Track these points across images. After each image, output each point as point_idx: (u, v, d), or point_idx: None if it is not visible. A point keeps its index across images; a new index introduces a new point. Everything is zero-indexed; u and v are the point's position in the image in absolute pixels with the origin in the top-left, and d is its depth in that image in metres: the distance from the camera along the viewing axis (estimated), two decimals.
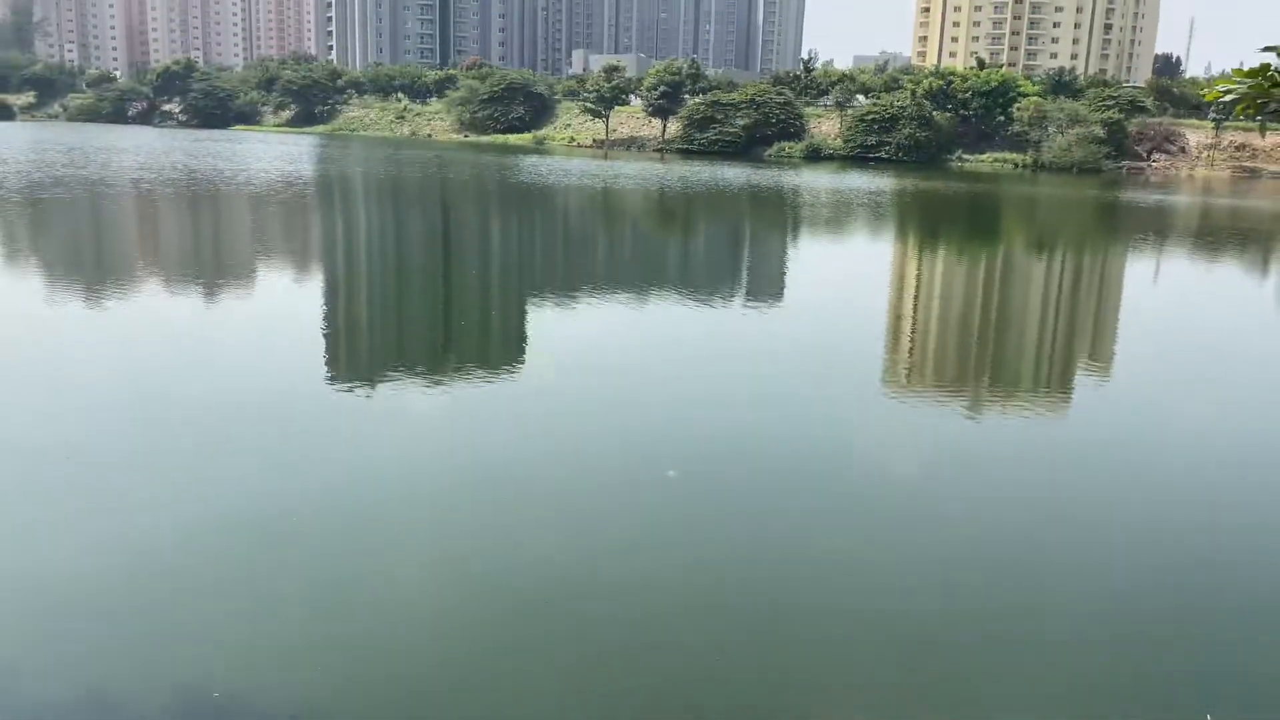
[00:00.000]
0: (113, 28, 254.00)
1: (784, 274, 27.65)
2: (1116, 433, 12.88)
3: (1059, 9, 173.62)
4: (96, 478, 9.83)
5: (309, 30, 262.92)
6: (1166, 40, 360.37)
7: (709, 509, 9.61)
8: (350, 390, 13.44)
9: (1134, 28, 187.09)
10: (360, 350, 16.46)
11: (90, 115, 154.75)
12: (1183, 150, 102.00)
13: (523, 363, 15.53)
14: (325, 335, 17.14)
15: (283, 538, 8.64)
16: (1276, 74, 4.34)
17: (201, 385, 13.17)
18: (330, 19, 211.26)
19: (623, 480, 10.34)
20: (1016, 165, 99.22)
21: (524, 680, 6.66)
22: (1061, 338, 19.90)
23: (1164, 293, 26.83)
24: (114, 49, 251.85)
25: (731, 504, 9.75)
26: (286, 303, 20.00)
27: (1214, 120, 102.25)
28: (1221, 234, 43.02)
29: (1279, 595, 8.33)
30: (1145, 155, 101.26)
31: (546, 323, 18.69)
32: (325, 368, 14.75)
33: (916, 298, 23.96)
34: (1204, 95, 5.39)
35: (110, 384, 13.21)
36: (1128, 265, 32.34)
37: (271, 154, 75.61)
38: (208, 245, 28.71)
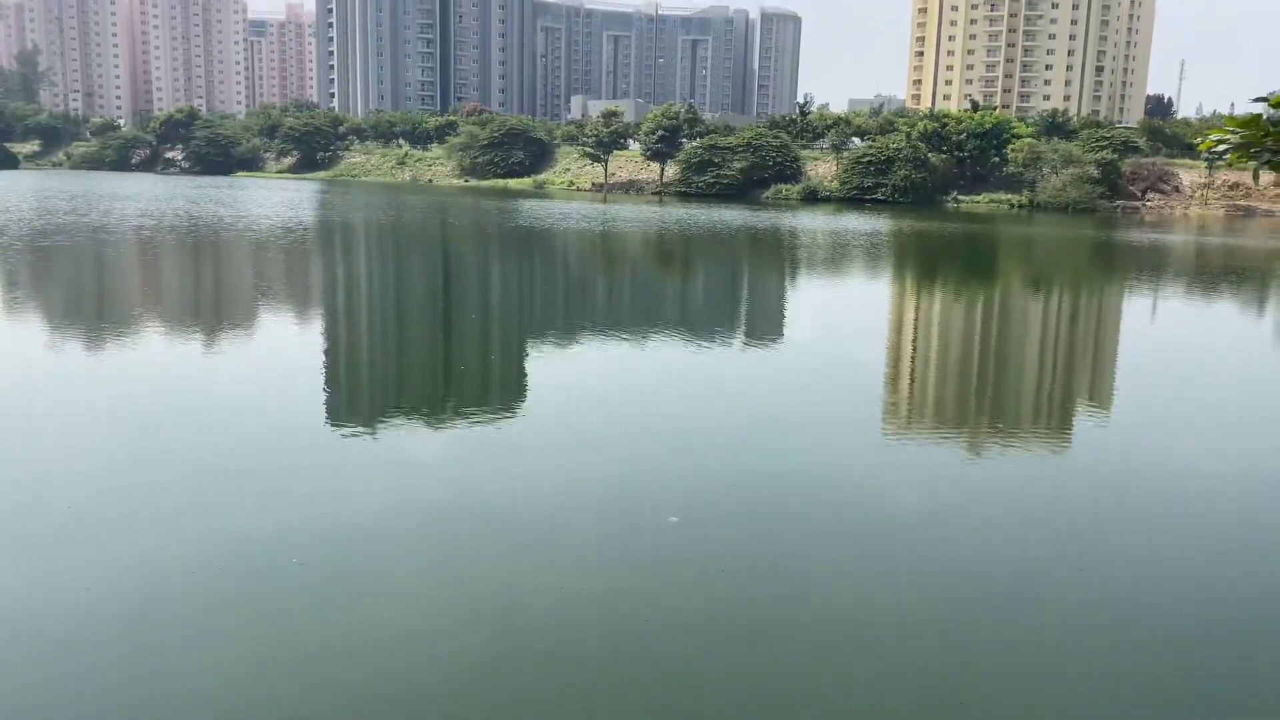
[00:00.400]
0: (117, 77, 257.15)
1: (783, 314, 27.76)
2: (1118, 471, 12.87)
3: (1051, 51, 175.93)
4: (93, 520, 9.82)
5: (311, 78, 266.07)
6: (1158, 81, 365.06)
7: (712, 556, 9.60)
8: (350, 432, 13.45)
9: (1125, 69, 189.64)
10: (360, 393, 16.49)
11: (94, 163, 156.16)
12: (1176, 189, 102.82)
13: (523, 404, 15.56)
14: (325, 378, 17.18)
15: (282, 581, 8.63)
16: (1268, 124, 4.44)
17: (200, 427, 13.20)
18: (332, 67, 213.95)
19: (625, 526, 10.33)
20: (1012, 205, 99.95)
21: None
22: (1061, 377, 19.93)
23: (1162, 331, 26.91)
24: (118, 98, 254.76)
25: (734, 550, 9.75)
26: (286, 346, 20.08)
27: (1207, 160, 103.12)
28: (1217, 272, 43.25)
29: None
30: (1140, 195, 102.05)
31: (547, 364, 18.74)
32: (325, 410, 14.76)
33: (915, 338, 24.04)
34: (1198, 146, 5.50)
35: (108, 427, 13.24)
36: (1125, 304, 32.47)
37: (272, 200, 76.19)
38: (206, 291, 28.85)
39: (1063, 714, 6.95)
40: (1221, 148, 4.52)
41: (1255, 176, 3.95)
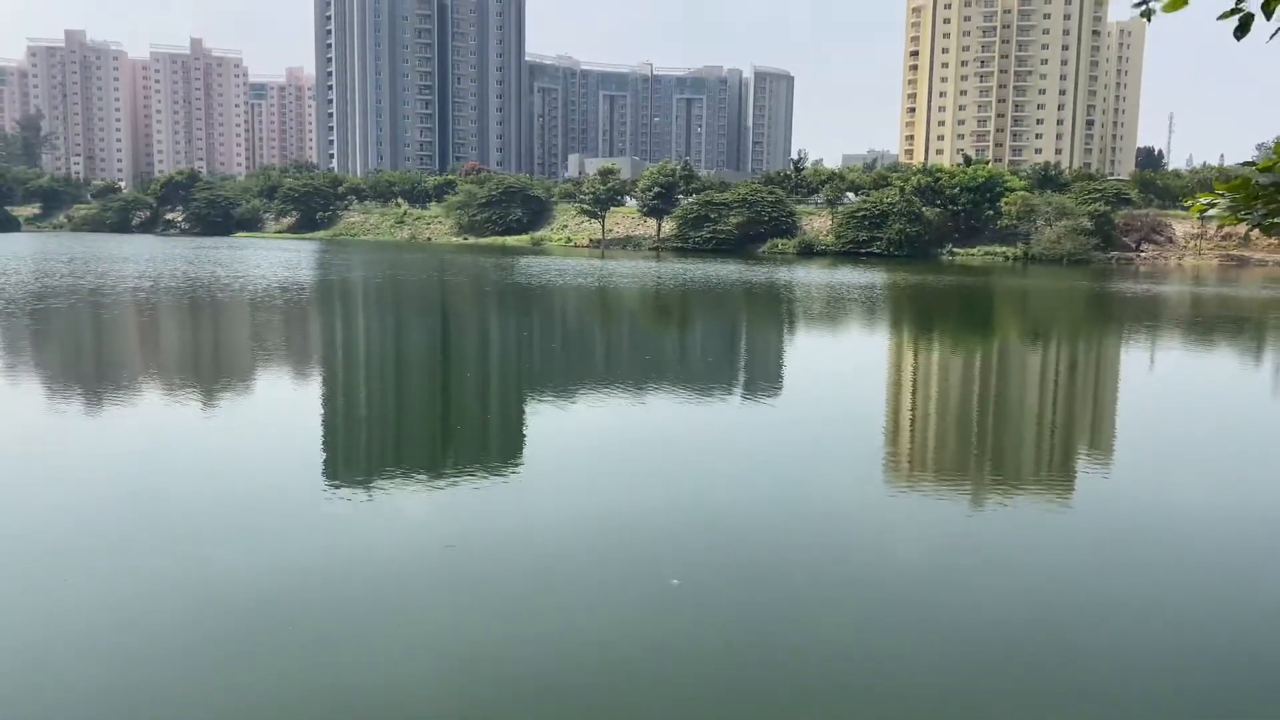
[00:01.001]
0: (119, 140, 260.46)
1: (781, 367, 27.71)
2: (1121, 522, 12.74)
3: (1041, 106, 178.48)
4: (87, 581, 9.66)
5: (310, 139, 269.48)
6: (1148, 133, 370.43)
7: (715, 618, 9.45)
8: (348, 489, 13.32)
9: (1115, 122, 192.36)
10: (358, 451, 16.36)
11: (94, 225, 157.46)
12: (1170, 240, 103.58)
13: (521, 461, 15.42)
14: (322, 436, 17.10)
15: (277, 638, 8.47)
16: (1257, 187, 4.37)
17: (196, 488, 13.11)
18: (331, 128, 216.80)
19: (625, 587, 10.15)
20: (1007, 258, 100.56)
21: None
22: (1061, 427, 19.84)
23: (1160, 380, 26.86)
24: (119, 160, 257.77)
25: (738, 611, 9.59)
26: (280, 406, 20.00)
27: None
28: (1213, 321, 43.33)
29: None
30: (1134, 246, 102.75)
31: (545, 419, 18.62)
32: (322, 469, 14.65)
33: (915, 389, 23.97)
34: (1189, 210, 5.47)
35: (102, 491, 13.12)
36: (1123, 354, 32.48)
37: (270, 260, 76.61)
38: (200, 352, 28.81)
39: None
40: (1211, 211, 4.46)
41: (1246, 237, 3.88)
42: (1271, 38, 4.26)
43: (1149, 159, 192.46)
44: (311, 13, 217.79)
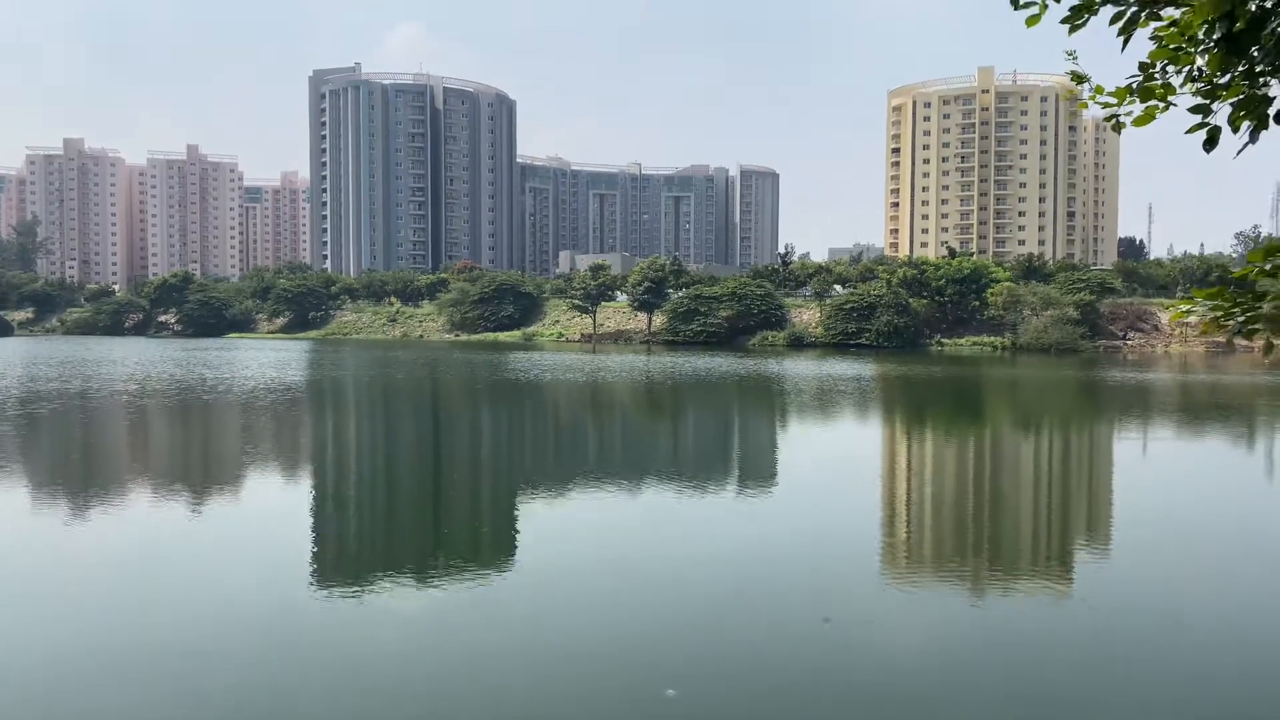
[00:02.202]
0: (114, 244, 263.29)
1: (775, 460, 27.55)
2: (1122, 612, 12.52)
3: (1022, 199, 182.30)
4: (77, 693, 9.34)
5: (304, 240, 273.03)
6: (1128, 223, 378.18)
7: None
8: (335, 593, 13.07)
9: (1096, 213, 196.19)
10: (347, 554, 16.10)
11: (87, 328, 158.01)
12: (1156, 328, 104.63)
13: (513, 563, 15.16)
14: (311, 543, 16.87)
15: None
16: (1234, 294, 4.38)
17: (180, 595, 12.85)
18: (325, 229, 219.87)
19: (619, 699, 9.83)
20: (995, 348, 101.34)
21: None
22: (1057, 516, 19.70)
23: (1153, 468, 26.80)
24: (114, 264, 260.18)
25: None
26: (269, 511, 19.78)
27: (1183, 298, 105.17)
28: (1203, 409, 43.44)
29: None
30: (1120, 334, 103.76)
31: (536, 521, 18.38)
32: (311, 573, 14.39)
33: (909, 480, 23.83)
34: (1171, 317, 5.55)
35: (89, 596, 12.84)
36: (1115, 442, 32.45)
37: (261, 360, 76.72)
38: (183, 456, 28.59)
39: None
40: (1192, 319, 4.47)
41: (1229, 342, 3.87)
42: (1239, 152, 4.32)
43: (1131, 249, 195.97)
44: (306, 117, 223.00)
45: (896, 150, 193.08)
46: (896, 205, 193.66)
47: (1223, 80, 4.30)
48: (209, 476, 23.58)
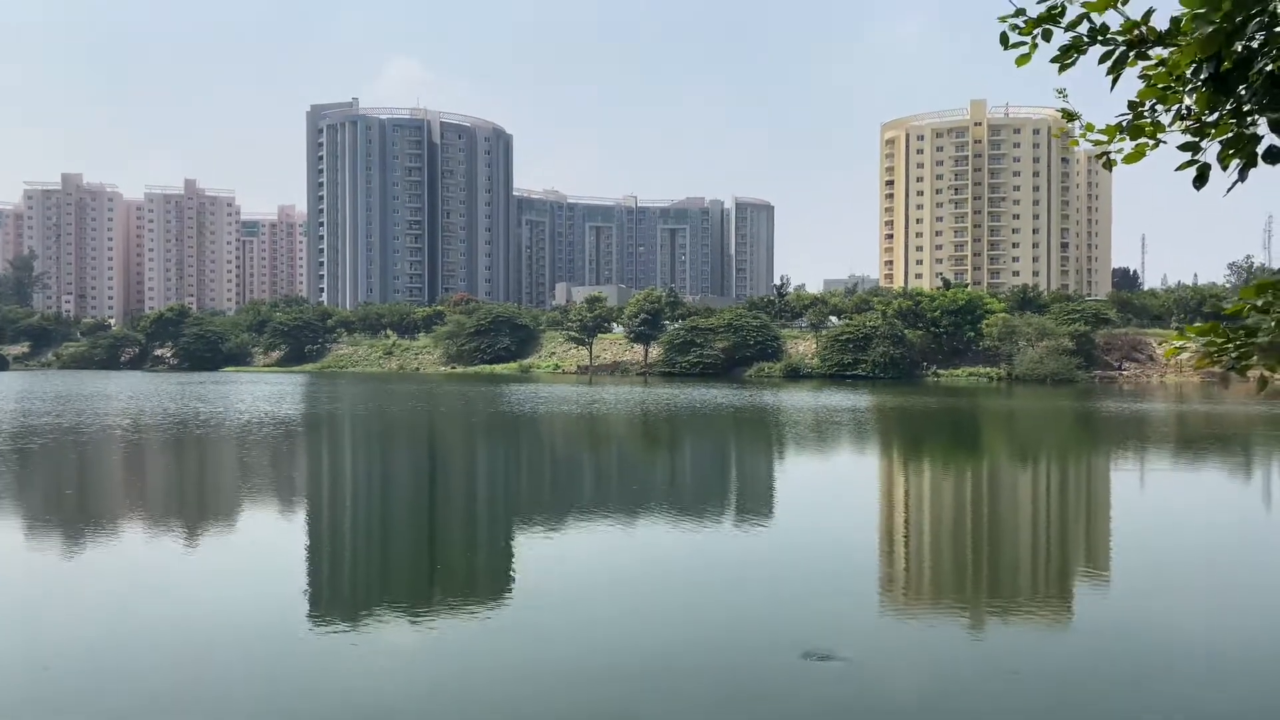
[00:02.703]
0: (110, 279, 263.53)
1: (772, 491, 27.50)
2: (1123, 642, 12.50)
3: (1016, 230, 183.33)
4: None
5: (301, 273, 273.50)
6: (1122, 254, 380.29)
7: None
8: (332, 628, 13.00)
9: (1089, 244, 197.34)
10: (342, 588, 16.04)
11: (83, 362, 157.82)
12: (1151, 358, 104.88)
13: (509, 596, 15.11)
14: (307, 574, 16.81)
15: None
16: (1226, 330, 4.42)
17: (179, 629, 12.78)
18: (322, 263, 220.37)
19: None
20: (991, 379, 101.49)
21: None
22: (1055, 546, 19.69)
23: (1151, 498, 26.79)
24: (110, 298, 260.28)
25: None
26: (264, 545, 19.69)
27: (1177, 330, 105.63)
28: (1199, 439, 43.48)
29: None
30: (1116, 364, 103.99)
31: (533, 555, 18.30)
32: (307, 606, 14.34)
33: (907, 511, 23.78)
34: (1165, 354, 5.63)
35: (81, 631, 12.78)
36: (1113, 472, 32.44)
37: (256, 394, 76.59)
38: (179, 491, 28.49)
39: None
40: (1184, 355, 4.52)
41: (1224, 381, 3.88)
42: (1229, 190, 4.38)
43: (1125, 279, 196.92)
44: (304, 151, 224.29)
45: (890, 182, 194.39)
46: (891, 237, 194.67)
47: (1211, 118, 4.36)
48: (202, 511, 23.47)
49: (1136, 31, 4.50)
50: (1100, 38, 4.54)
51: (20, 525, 20.99)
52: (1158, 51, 4.51)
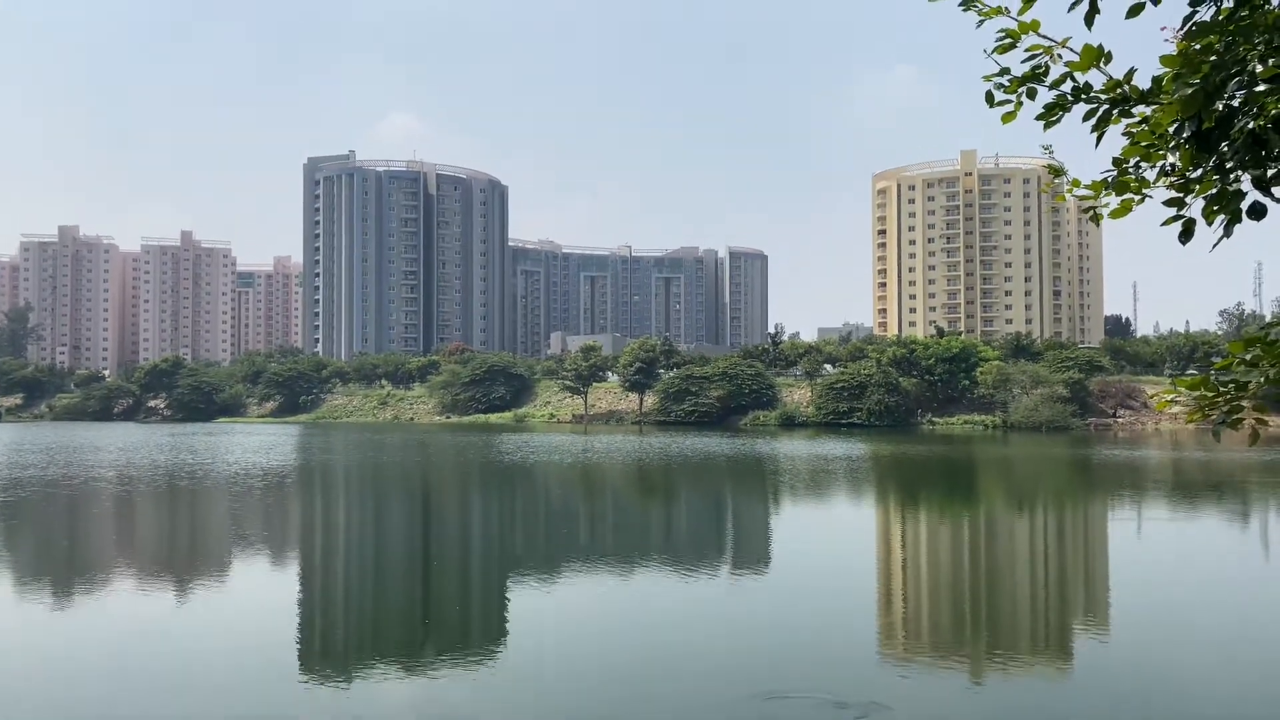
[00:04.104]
0: (106, 330, 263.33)
1: (768, 541, 27.34)
2: (1123, 694, 12.37)
3: (1008, 278, 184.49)
4: None
5: (296, 323, 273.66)
6: (1114, 301, 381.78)
7: None
8: (323, 680, 12.85)
9: (1081, 292, 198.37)
10: (334, 640, 15.87)
11: (76, 414, 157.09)
12: (1145, 405, 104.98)
13: (503, 649, 14.94)
14: (299, 628, 16.67)
15: None
16: (1216, 384, 4.44)
17: (171, 684, 12.63)
18: (317, 314, 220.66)
19: None
20: (986, 426, 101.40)
21: None
22: (1055, 596, 19.59)
23: (1150, 548, 26.68)
24: (105, 349, 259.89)
25: None
26: (256, 599, 19.56)
27: (1170, 377, 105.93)
28: (1196, 486, 43.40)
29: None
30: (1111, 412, 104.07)
31: (526, 608, 18.16)
32: (298, 659, 14.19)
33: (905, 561, 23.64)
34: (1156, 405, 5.67)
35: (74, 688, 12.62)
36: (1110, 521, 32.34)
37: (248, 445, 76.23)
38: (170, 545, 28.29)
39: None
40: (1176, 408, 4.54)
41: (1216, 435, 3.87)
42: (1215, 246, 4.44)
43: (1117, 326, 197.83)
44: (300, 203, 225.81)
45: (883, 232, 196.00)
46: (884, 285, 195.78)
47: (1195, 174, 4.42)
48: (194, 565, 23.24)
49: (1119, 90, 4.59)
50: (1084, 96, 4.62)
51: (10, 582, 20.77)
52: (1141, 109, 4.59)
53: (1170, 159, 4.50)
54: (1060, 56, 4.72)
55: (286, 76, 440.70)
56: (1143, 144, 4.52)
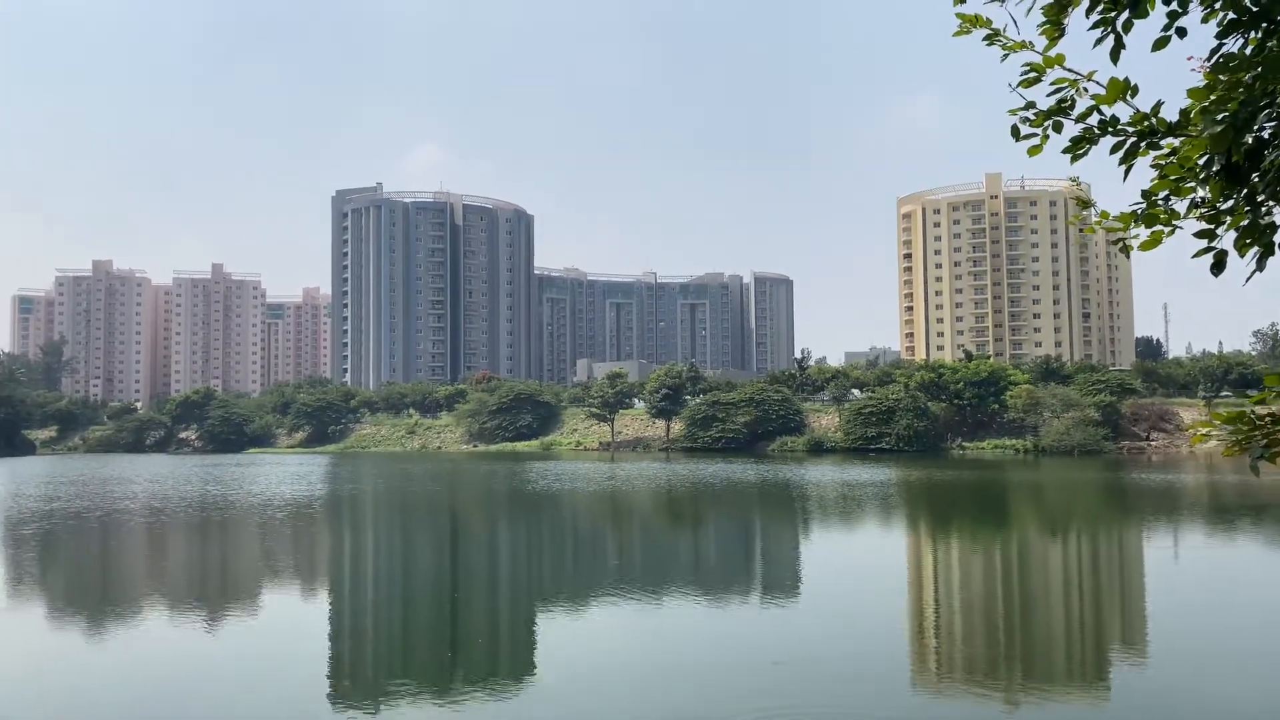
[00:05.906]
0: (138, 362, 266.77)
1: (799, 568, 27.14)
2: None
3: (1036, 301, 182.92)
4: None
5: (325, 354, 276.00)
6: (1144, 323, 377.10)
7: None
8: (352, 710, 12.87)
9: (1111, 314, 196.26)
10: (364, 670, 15.89)
11: (109, 446, 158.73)
12: (1179, 428, 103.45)
13: (533, 678, 14.90)
14: (329, 655, 16.74)
15: None
16: (1253, 417, 4.40)
17: (203, 713, 12.64)
18: (346, 344, 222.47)
19: None
20: (1018, 451, 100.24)
21: None
22: (1090, 623, 19.30)
23: (1186, 572, 26.22)
24: (137, 382, 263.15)
25: None
26: (287, 627, 19.66)
27: (1204, 399, 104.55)
28: (1234, 511, 42.67)
29: None
30: (1144, 435, 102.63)
31: (556, 637, 18.13)
32: (329, 689, 14.20)
33: (938, 587, 23.39)
34: (1191, 440, 5.64)
35: (106, 711, 12.67)
36: (1146, 546, 31.86)
37: (279, 475, 76.76)
38: (201, 574, 28.47)
39: None
40: (1211, 442, 4.50)
41: (1254, 470, 3.80)
42: (1248, 280, 4.41)
43: (1149, 348, 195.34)
44: (329, 234, 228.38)
45: (909, 255, 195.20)
46: (911, 309, 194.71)
47: (1226, 206, 4.41)
48: (226, 594, 23.40)
49: (1146, 123, 4.59)
50: (1110, 129, 4.63)
51: (42, 614, 21.01)
52: (1169, 141, 4.59)
53: (1200, 192, 4.49)
54: (1086, 90, 4.73)
55: (315, 112, 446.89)
56: (1172, 179, 4.52)
